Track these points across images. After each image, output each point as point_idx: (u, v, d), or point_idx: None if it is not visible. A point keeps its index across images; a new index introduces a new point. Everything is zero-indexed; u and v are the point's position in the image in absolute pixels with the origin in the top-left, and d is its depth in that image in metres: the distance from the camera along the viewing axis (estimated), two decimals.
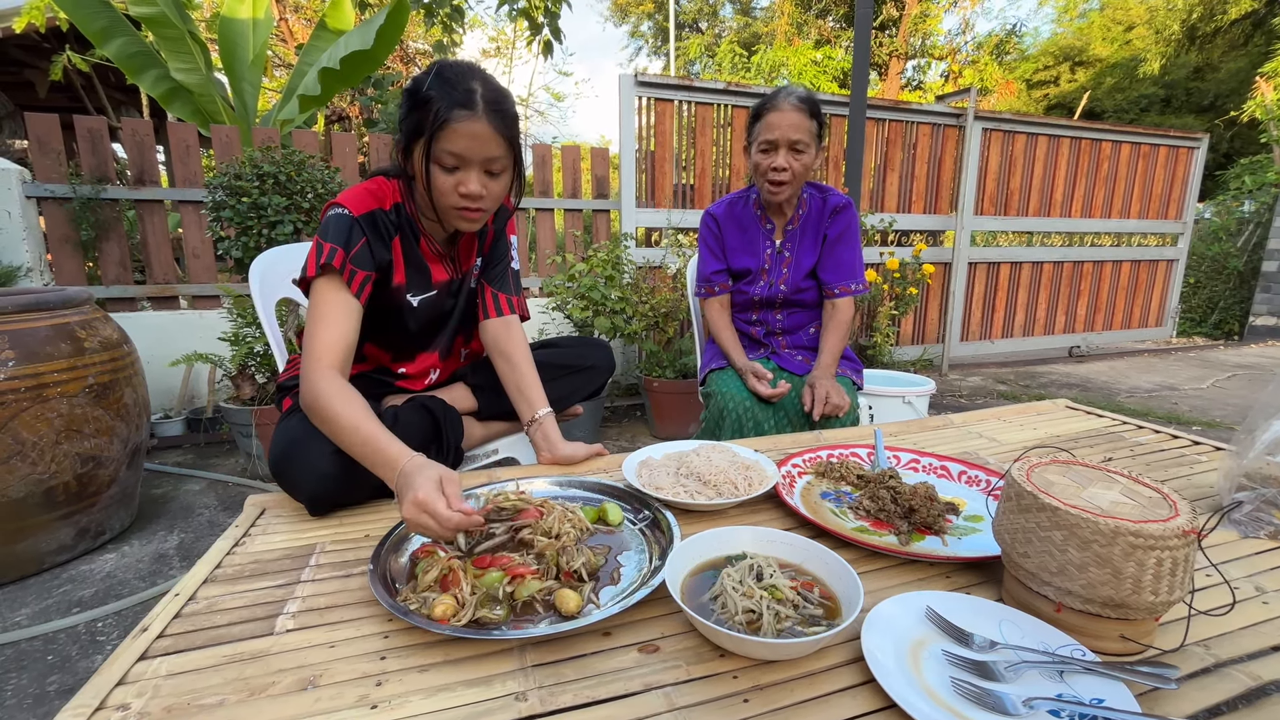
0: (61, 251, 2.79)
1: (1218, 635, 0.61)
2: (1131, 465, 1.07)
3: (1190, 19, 12.23)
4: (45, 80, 5.23)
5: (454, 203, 1.02)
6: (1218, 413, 3.30)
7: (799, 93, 1.48)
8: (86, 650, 1.40)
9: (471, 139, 0.97)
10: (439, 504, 0.70)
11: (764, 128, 1.49)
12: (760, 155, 1.52)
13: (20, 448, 1.57)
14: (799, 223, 1.64)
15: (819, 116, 1.49)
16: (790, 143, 1.46)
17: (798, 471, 1.00)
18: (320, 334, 0.98)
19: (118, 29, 3.44)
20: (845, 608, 0.61)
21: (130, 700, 0.54)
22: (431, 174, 1.00)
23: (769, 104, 1.49)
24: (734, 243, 1.68)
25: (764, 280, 1.66)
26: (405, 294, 1.14)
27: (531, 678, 0.56)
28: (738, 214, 1.68)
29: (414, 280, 1.14)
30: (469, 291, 1.27)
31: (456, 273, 1.22)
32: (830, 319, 1.61)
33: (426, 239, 1.15)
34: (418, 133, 0.99)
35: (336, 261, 1.00)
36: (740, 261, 1.67)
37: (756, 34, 16.23)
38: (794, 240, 1.64)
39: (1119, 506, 0.59)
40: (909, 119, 4.06)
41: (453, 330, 1.27)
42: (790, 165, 1.48)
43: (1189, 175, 5.16)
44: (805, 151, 1.48)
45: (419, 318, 1.17)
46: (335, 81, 3.62)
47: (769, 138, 1.48)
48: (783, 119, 1.46)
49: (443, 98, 0.95)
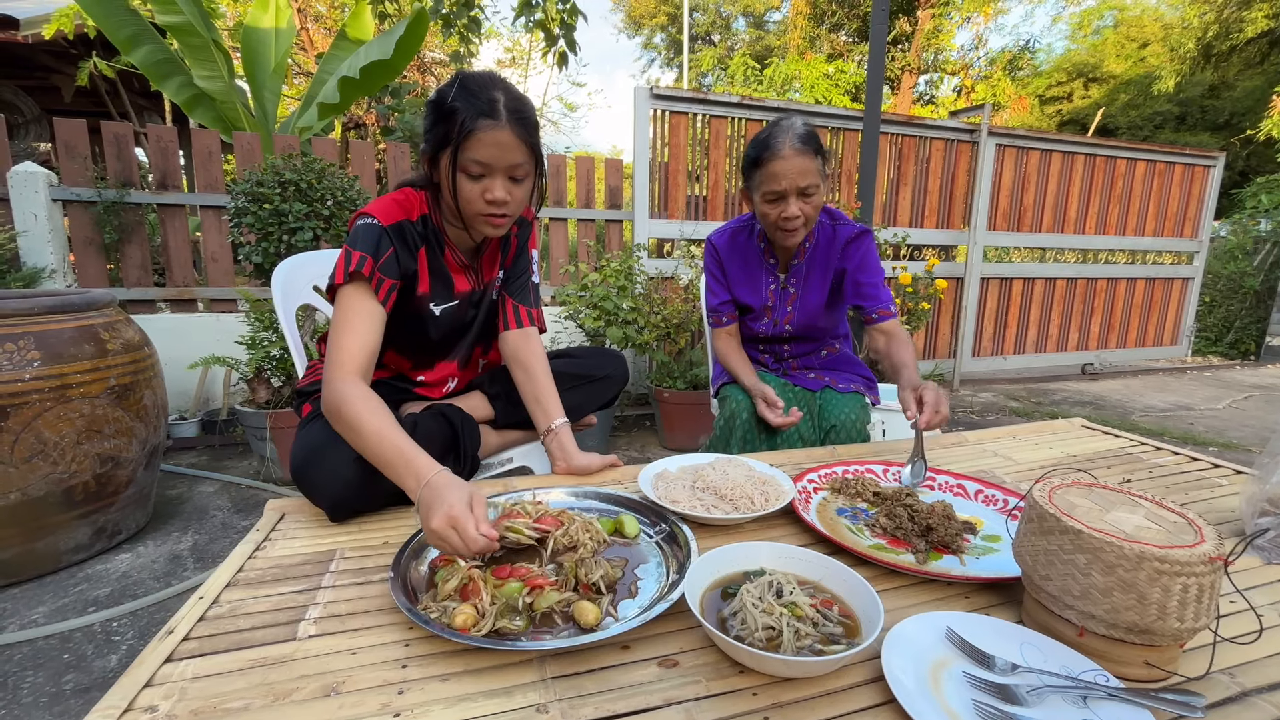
0: (85, 254, 2.84)
1: (1244, 664, 0.60)
2: (1151, 487, 1.07)
3: (1206, 37, 12.20)
4: (71, 85, 5.34)
5: (481, 209, 1.04)
6: (1235, 434, 3.26)
7: (799, 131, 1.35)
8: (101, 650, 1.41)
9: (496, 147, 0.99)
10: (469, 524, 0.71)
11: (767, 177, 1.37)
12: (767, 205, 1.40)
13: (42, 447, 1.60)
14: (805, 257, 1.54)
15: (822, 150, 1.38)
16: (799, 189, 1.35)
17: (813, 487, 1.00)
18: (345, 340, 0.99)
19: (144, 37, 3.52)
20: (865, 626, 0.61)
21: (158, 702, 0.55)
22: (458, 182, 1.02)
23: (769, 151, 1.35)
24: (736, 275, 1.60)
25: (768, 318, 1.60)
26: (429, 303, 1.15)
27: (552, 689, 0.56)
28: (740, 245, 1.60)
29: (437, 290, 1.16)
30: (490, 303, 1.28)
31: (479, 284, 1.24)
32: (890, 340, 1.45)
33: (451, 249, 1.17)
34: (444, 143, 1.01)
35: (366, 269, 1.01)
36: (743, 296, 1.60)
37: (769, 47, 16.36)
38: (799, 276, 1.56)
39: (1144, 531, 0.59)
40: (922, 134, 4.06)
41: (472, 340, 1.29)
42: (802, 211, 1.37)
43: (1205, 193, 5.12)
44: (815, 194, 1.37)
45: (440, 327, 1.19)
46: (354, 90, 3.68)
47: (775, 189, 1.36)
48: (787, 166, 1.33)
49: (467, 108, 0.97)
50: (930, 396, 1.16)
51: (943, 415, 1.14)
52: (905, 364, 1.37)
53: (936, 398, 1.15)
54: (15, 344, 1.57)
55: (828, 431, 1.47)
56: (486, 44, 9.72)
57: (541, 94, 10.40)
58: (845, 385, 1.55)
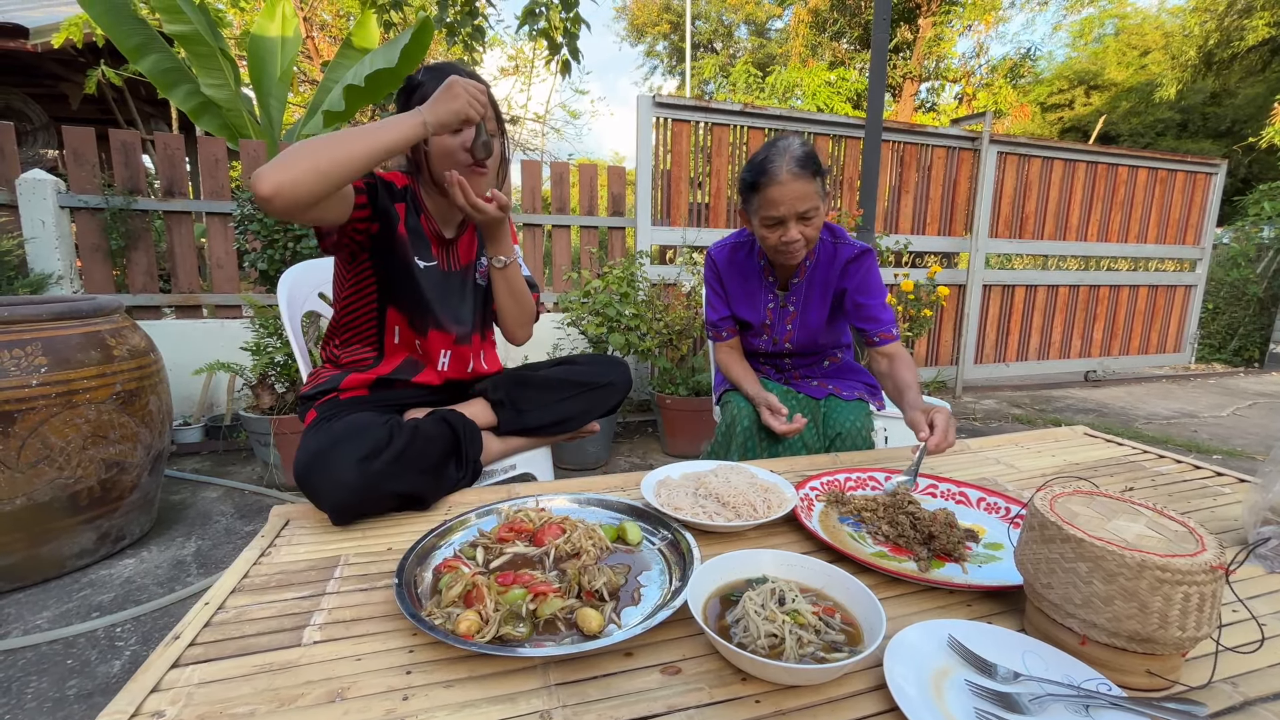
0: (92, 260, 2.86)
1: (1246, 673, 0.60)
2: (1153, 496, 1.07)
3: (1207, 45, 12.23)
4: (79, 93, 5.39)
5: (464, 160, 1.13)
6: (1239, 441, 3.25)
7: (796, 154, 1.32)
8: (105, 655, 1.42)
9: None
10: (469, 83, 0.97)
11: (765, 203, 1.35)
12: (766, 230, 1.38)
13: (49, 452, 1.60)
14: (805, 275, 1.53)
15: (821, 170, 1.35)
16: (798, 214, 1.33)
17: (815, 495, 1.00)
18: None
19: (152, 45, 3.55)
20: (867, 634, 0.61)
21: (164, 708, 0.55)
22: (435, 146, 1.13)
23: (766, 176, 1.33)
24: (735, 290, 1.60)
25: (767, 335, 1.60)
26: (412, 255, 1.21)
27: (556, 696, 0.57)
28: (739, 263, 1.59)
29: (416, 245, 1.22)
30: (475, 286, 1.33)
31: (454, 263, 1.30)
32: (893, 363, 1.44)
33: (428, 218, 1.24)
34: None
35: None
36: (742, 312, 1.60)
37: (771, 55, 16.44)
38: (799, 294, 1.54)
39: (1145, 540, 0.59)
40: (924, 141, 4.08)
41: (459, 312, 1.30)
42: (803, 234, 1.35)
43: (1207, 200, 5.13)
44: (814, 216, 1.35)
45: (428, 281, 1.23)
46: (359, 98, 3.70)
47: (774, 215, 1.34)
48: (785, 192, 1.31)
49: (436, 80, 1.11)
50: (941, 421, 1.15)
51: (950, 442, 1.14)
52: (909, 385, 1.36)
53: (947, 423, 1.15)
54: (23, 349, 1.59)
55: (833, 439, 1.47)
56: (490, 52, 9.79)
57: (545, 101, 10.47)
58: (849, 393, 1.55)
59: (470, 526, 0.88)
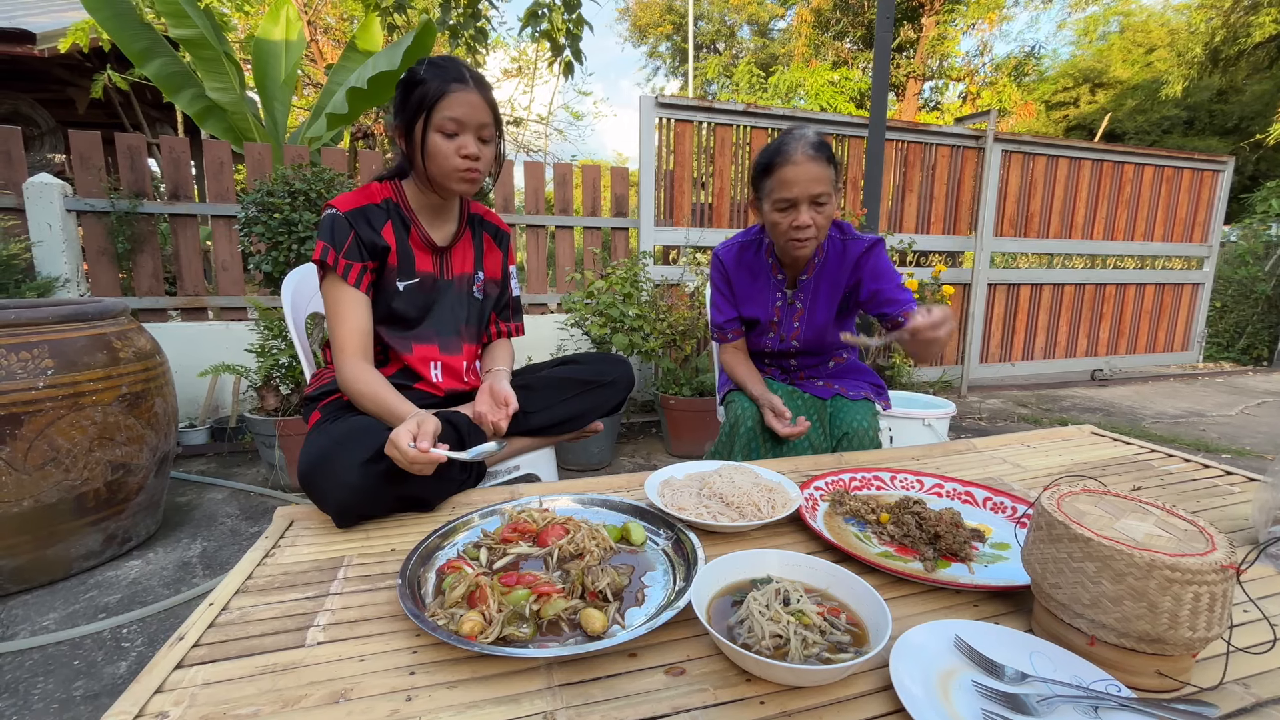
0: (98, 263, 2.88)
1: (1258, 674, 0.60)
2: (1162, 495, 1.06)
3: (1213, 42, 12.15)
4: (85, 97, 5.42)
5: (456, 165, 1.13)
6: (1248, 440, 3.22)
7: (811, 139, 1.34)
8: (111, 656, 1.42)
9: (468, 106, 1.11)
10: (404, 442, 0.88)
11: (778, 184, 1.35)
12: (778, 214, 1.38)
13: (55, 454, 1.61)
14: (814, 272, 1.52)
15: (834, 160, 1.36)
16: (811, 197, 1.33)
17: (820, 495, 1.00)
18: (338, 329, 1.14)
19: (158, 50, 3.57)
20: (873, 635, 0.61)
21: (168, 708, 0.55)
22: (432, 144, 1.12)
23: (781, 156, 1.34)
24: (743, 290, 1.59)
25: (774, 333, 1.59)
26: (396, 279, 1.22)
27: (559, 697, 0.56)
28: (747, 261, 1.58)
29: (403, 266, 1.22)
30: (469, 297, 1.33)
31: (446, 272, 1.29)
32: None
33: (417, 228, 1.23)
34: (418, 111, 1.11)
35: (330, 259, 1.12)
36: (749, 311, 1.59)
37: (774, 55, 16.41)
38: (808, 291, 1.53)
39: (1154, 539, 0.58)
40: (928, 140, 4.06)
41: (449, 324, 1.30)
42: (814, 221, 1.35)
43: (1214, 198, 5.09)
44: (827, 203, 1.35)
45: (403, 302, 1.23)
46: (363, 101, 3.71)
47: (786, 195, 1.34)
48: (800, 172, 1.31)
49: (438, 77, 1.10)
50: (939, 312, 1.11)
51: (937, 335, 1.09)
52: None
53: (944, 316, 1.11)
54: (30, 352, 1.60)
55: (840, 440, 1.46)
56: (493, 54, 9.81)
57: (548, 103, 10.48)
58: (855, 393, 1.54)
59: (474, 527, 0.87)
